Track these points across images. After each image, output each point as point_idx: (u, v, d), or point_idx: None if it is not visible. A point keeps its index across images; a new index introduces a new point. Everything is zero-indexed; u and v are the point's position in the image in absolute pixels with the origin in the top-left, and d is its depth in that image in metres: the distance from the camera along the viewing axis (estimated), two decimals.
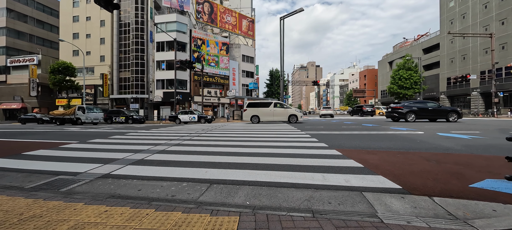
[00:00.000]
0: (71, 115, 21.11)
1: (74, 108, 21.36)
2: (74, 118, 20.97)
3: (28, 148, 5.94)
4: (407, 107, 15.07)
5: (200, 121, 21.53)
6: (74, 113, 21.04)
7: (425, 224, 1.72)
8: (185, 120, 21.60)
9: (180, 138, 7.67)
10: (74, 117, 20.99)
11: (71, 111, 21.36)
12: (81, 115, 21.07)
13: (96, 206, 2.05)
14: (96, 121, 21.47)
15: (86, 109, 21.26)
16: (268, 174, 3.21)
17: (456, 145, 5.51)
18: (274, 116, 16.17)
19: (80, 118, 21.01)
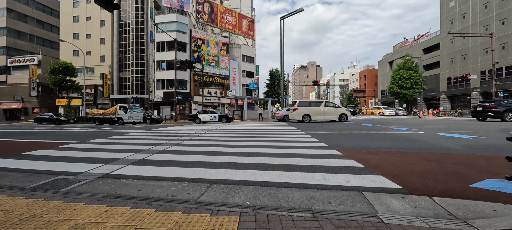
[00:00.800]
0: (112, 114, 20.05)
1: (115, 107, 20.22)
2: (115, 118, 19.87)
3: (29, 148, 5.94)
4: (505, 106, 13.75)
5: (221, 120, 21.15)
6: (115, 113, 19.90)
7: (425, 224, 1.72)
8: (205, 119, 21.07)
9: (180, 138, 7.67)
10: (115, 116, 19.91)
11: (112, 110, 20.21)
12: (123, 115, 19.80)
13: (96, 206, 2.05)
14: (137, 121, 20.28)
15: (128, 109, 19.93)
16: (268, 174, 3.21)
17: (456, 145, 5.51)
18: (325, 115, 16.34)
19: (121, 117, 19.76)
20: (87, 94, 33.88)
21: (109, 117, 20.13)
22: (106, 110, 20.88)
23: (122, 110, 19.89)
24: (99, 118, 20.41)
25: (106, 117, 20.27)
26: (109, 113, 20.23)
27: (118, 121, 19.81)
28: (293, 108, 16.33)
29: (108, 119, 20.25)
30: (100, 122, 20.39)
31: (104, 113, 20.48)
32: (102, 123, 20.41)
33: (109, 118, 20.15)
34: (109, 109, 20.50)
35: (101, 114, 20.62)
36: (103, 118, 20.35)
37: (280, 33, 25.77)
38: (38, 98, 35.27)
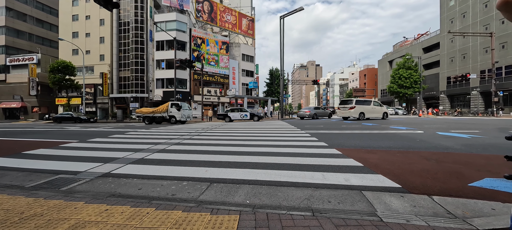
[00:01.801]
0: (163, 113, 18.65)
1: (166, 105, 18.82)
2: (167, 116, 18.55)
3: (28, 147, 5.94)
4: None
5: (253, 119, 20.66)
6: (167, 111, 18.53)
7: (425, 222, 1.73)
8: (235, 117, 20.43)
9: (180, 137, 7.67)
10: (166, 114, 18.56)
11: (163, 108, 18.74)
12: (176, 113, 18.45)
13: (96, 205, 2.05)
14: (188, 119, 19.29)
15: (181, 107, 18.73)
16: (268, 173, 3.22)
17: (456, 144, 5.52)
18: (373, 113, 17.74)
19: (174, 115, 18.43)
20: (87, 94, 33.81)
21: (159, 116, 18.80)
22: (156, 108, 19.31)
23: (175, 108, 18.56)
24: (149, 117, 18.96)
25: (156, 116, 18.88)
26: (160, 111, 18.78)
27: (170, 119, 18.56)
28: (351, 106, 17.37)
29: (159, 118, 18.92)
30: (150, 121, 18.98)
31: (155, 111, 19.01)
32: (152, 121, 19.04)
33: (159, 117, 18.85)
34: (160, 108, 19.02)
35: (151, 112, 19.10)
36: (153, 116, 18.93)
37: (280, 32, 25.74)
38: (37, 97, 35.19)
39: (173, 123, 18.18)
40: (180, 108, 18.44)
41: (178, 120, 18.35)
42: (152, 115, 18.93)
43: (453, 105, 37.32)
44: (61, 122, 22.77)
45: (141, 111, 19.69)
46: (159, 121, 18.97)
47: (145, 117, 19.12)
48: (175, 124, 17.90)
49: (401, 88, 36.64)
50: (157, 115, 18.81)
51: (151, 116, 18.93)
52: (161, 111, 18.69)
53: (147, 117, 19.04)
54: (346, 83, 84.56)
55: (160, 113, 18.71)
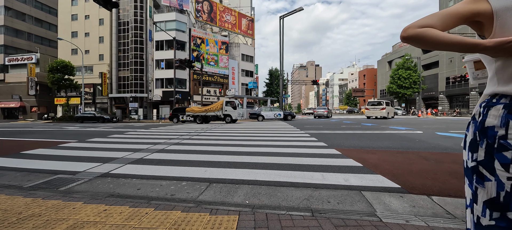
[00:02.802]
0: (217, 111, 17.78)
1: (220, 103, 18.02)
2: (222, 115, 17.72)
3: (27, 147, 5.92)
4: None
5: (287, 118, 20.45)
6: (222, 109, 17.68)
7: (424, 223, 1.73)
8: (269, 116, 20.13)
9: (179, 137, 7.66)
10: (221, 113, 17.72)
11: (217, 107, 17.87)
12: (232, 111, 17.63)
13: (95, 205, 2.04)
14: (240, 118, 18.57)
15: (237, 105, 17.95)
16: (268, 173, 3.22)
17: (455, 144, 5.54)
18: (391, 112, 21.70)
19: (230, 114, 17.61)
20: (86, 93, 33.73)
21: (213, 114, 17.94)
22: (209, 106, 18.42)
23: (230, 107, 17.68)
24: (202, 116, 18.08)
25: (209, 115, 18.02)
26: (214, 110, 17.84)
27: (225, 118, 17.70)
28: (382, 107, 20.30)
29: (212, 117, 18.05)
30: (203, 119, 18.18)
31: (208, 110, 18.06)
32: (205, 121, 18.29)
33: (213, 115, 17.99)
34: (214, 106, 18.13)
35: (204, 111, 18.18)
36: (206, 115, 18.07)
37: (280, 33, 25.75)
38: (36, 97, 35.09)
39: (227, 122, 17.43)
40: (236, 107, 17.70)
41: (234, 119, 17.64)
42: (204, 113, 18.11)
43: (452, 105, 37.43)
44: (83, 121, 22.12)
45: (192, 110, 18.80)
46: (212, 119, 18.26)
47: (197, 116, 18.29)
48: (230, 123, 17.05)
49: (400, 88, 36.72)
50: (210, 114, 18.00)
51: (204, 115, 18.11)
52: (215, 110, 17.87)
53: (199, 116, 18.21)
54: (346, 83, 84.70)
55: (213, 112, 17.90)
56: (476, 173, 0.71)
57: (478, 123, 0.72)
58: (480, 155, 0.70)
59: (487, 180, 0.68)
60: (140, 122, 23.07)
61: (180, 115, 20.00)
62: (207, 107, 18.34)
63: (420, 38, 0.71)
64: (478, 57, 0.89)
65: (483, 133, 0.69)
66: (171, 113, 20.76)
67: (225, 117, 17.63)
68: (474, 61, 0.91)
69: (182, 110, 20.49)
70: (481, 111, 0.73)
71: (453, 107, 36.72)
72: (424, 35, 0.71)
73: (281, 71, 26.26)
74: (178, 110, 20.65)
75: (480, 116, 0.73)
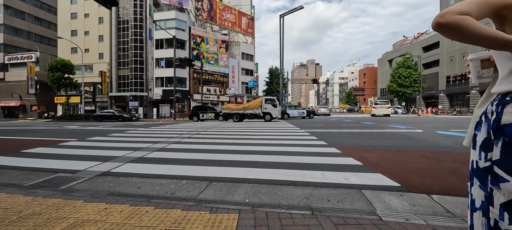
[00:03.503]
0: (256, 109, 17.14)
1: (259, 100, 17.36)
2: (261, 113, 17.05)
3: (27, 145, 5.92)
4: None
5: (309, 116, 20.66)
6: (261, 107, 17.05)
7: (424, 221, 1.73)
8: (294, 115, 20.23)
9: (180, 135, 7.66)
10: (260, 111, 17.08)
11: (256, 104, 17.21)
12: (272, 109, 17.00)
13: (95, 204, 2.05)
14: (279, 117, 18.01)
15: (277, 103, 17.39)
16: (268, 171, 3.22)
17: (455, 143, 5.54)
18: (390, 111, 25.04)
19: (270, 112, 16.97)
20: (86, 92, 33.70)
21: (251, 112, 17.27)
22: (247, 104, 17.79)
23: (270, 105, 17.06)
24: (239, 114, 17.43)
25: (247, 112, 17.36)
26: (253, 107, 17.19)
27: (264, 116, 17.04)
28: (388, 106, 22.94)
29: (250, 115, 17.39)
30: (241, 117, 17.58)
31: (246, 108, 17.42)
32: (242, 119, 17.69)
33: (251, 113, 17.31)
34: (252, 104, 17.46)
35: (241, 109, 17.49)
36: (244, 113, 17.42)
37: (280, 31, 25.69)
38: (36, 96, 35.07)
39: (267, 121, 16.87)
40: (276, 105, 17.19)
41: (274, 117, 17.14)
42: (242, 111, 17.45)
43: (452, 104, 37.41)
44: (101, 120, 21.47)
45: (229, 108, 18.03)
46: (250, 117, 17.62)
47: (234, 114, 17.60)
48: (269, 121, 16.48)
49: (400, 87, 36.69)
50: (248, 112, 17.34)
51: (242, 112, 17.44)
52: (254, 108, 17.25)
53: (236, 114, 17.54)
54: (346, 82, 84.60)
55: (252, 110, 17.27)
56: (490, 174, 0.67)
57: (491, 121, 0.69)
58: (495, 155, 0.66)
59: (503, 181, 0.63)
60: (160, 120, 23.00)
61: (200, 113, 19.72)
62: (245, 105, 17.83)
63: (459, 28, 0.63)
64: (488, 55, 0.87)
65: (499, 131, 0.66)
66: (191, 111, 20.40)
67: (265, 115, 17.09)
68: (481, 60, 0.89)
69: (202, 108, 20.19)
70: (494, 110, 0.69)
71: (453, 106, 36.70)
72: (464, 24, 0.63)
73: (281, 70, 26.24)
74: (198, 108, 20.35)
75: (493, 114, 0.69)
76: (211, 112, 19.84)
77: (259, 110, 17.12)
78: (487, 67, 0.88)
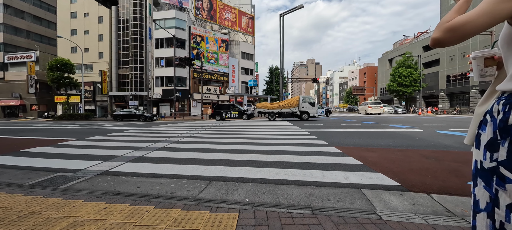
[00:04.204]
0: (293, 108, 16.87)
1: (296, 99, 17.04)
2: (298, 112, 16.76)
3: (27, 145, 5.92)
4: None
5: (327, 114, 21.27)
6: (298, 106, 16.75)
7: (424, 221, 1.73)
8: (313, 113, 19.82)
9: (180, 135, 7.66)
10: (297, 110, 16.79)
11: (294, 103, 16.87)
12: (309, 108, 16.72)
13: (95, 203, 2.05)
14: (317, 115, 17.63)
15: (314, 102, 17.12)
16: (268, 171, 3.22)
17: (455, 142, 5.53)
18: (383, 110, 29.32)
19: (307, 111, 16.66)
20: (86, 92, 33.70)
21: (288, 111, 16.96)
22: (284, 103, 17.32)
23: (308, 103, 16.76)
24: (275, 113, 17.14)
25: (284, 111, 17.03)
26: (290, 106, 16.86)
27: (302, 115, 16.73)
28: (382, 105, 27.39)
29: (287, 113, 17.05)
30: (276, 116, 17.39)
31: (283, 106, 17.06)
32: (275, 117, 17.43)
33: (288, 112, 16.99)
34: (289, 102, 17.11)
35: (278, 107, 17.14)
36: (281, 112, 17.10)
37: (280, 30, 25.66)
38: (36, 95, 35.06)
39: (304, 120, 16.54)
40: (313, 103, 16.96)
41: (311, 116, 16.96)
42: (279, 110, 17.12)
43: (453, 104, 37.39)
44: (122, 120, 20.80)
45: (265, 106, 17.78)
46: (287, 116, 17.33)
47: (270, 112, 17.34)
48: (306, 120, 16.14)
49: (400, 86, 36.67)
50: (285, 110, 17.03)
51: (278, 111, 17.13)
52: (291, 106, 16.94)
53: (272, 112, 17.27)
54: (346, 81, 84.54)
55: (289, 109, 16.96)
56: (496, 175, 0.65)
57: (498, 121, 0.67)
58: (501, 155, 0.64)
59: (509, 182, 0.62)
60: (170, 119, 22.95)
61: (224, 112, 19.47)
62: (281, 103, 17.42)
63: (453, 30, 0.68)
64: (491, 53, 0.86)
65: (506, 131, 0.64)
66: (214, 110, 20.14)
67: (302, 114, 16.79)
68: (485, 58, 0.88)
69: (226, 107, 19.94)
70: (501, 109, 0.67)
71: (454, 106, 36.68)
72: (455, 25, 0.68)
73: (281, 69, 26.22)
74: (220, 107, 20.11)
75: (499, 113, 0.67)
76: (235, 111, 19.50)
77: (296, 109, 16.86)
78: (490, 65, 0.87)
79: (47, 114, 32.94)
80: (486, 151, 0.69)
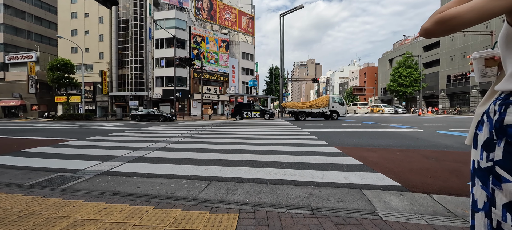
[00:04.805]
0: (323, 108, 16.79)
1: (326, 99, 16.93)
2: (328, 111, 16.74)
3: (28, 145, 5.93)
4: None
5: None
6: (328, 106, 16.69)
7: (424, 221, 1.73)
8: None
9: (180, 135, 7.66)
10: (327, 110, 16.74)
11: (324, 103, 16.75)
12: (339, 108, 16.69)
13: (95, 203, 2.04)
14: (346, 115, 17.63)
15: (344, 102, 17.09)
16: (268, 171, 3.22)
17: (455, 142, 5.53)
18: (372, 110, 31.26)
19: (337, 111, 16.67)
20: (86, 92, 33.73)
21: (318, 111, 16.87)
22: (314, 102, 17.18)
23: (337, 103, 16.73)
24: (305, 112, 16.98)
25: (314, 111, 16.94)
26: (320, 105, 16.73)
27: (332, 115, 16.69)
28: (368, 106, 25.88)
29: (317, 113, 16.96)
30: (307, 115, 17.19)
31: (313, 105, 16.94)
32: (303, 116, 17.23)
33: (318, 112, 16.91)
34: (319, 102, 16.99)
35: (307, 107, 17.02)
36: (311, 112, 16.99)
37: (280, 30, 25.66)
38: (36, 95, 35.09)
39: (333, 119, 16.66)
40: (343, 103, 17.08)
41: (341, 115, 17.03)
42: (309, 110, 17.05)
43: (453, 104, 37.36)
44: (141, 120, 20.47)
45: (295, 106, 17.63)
46: (317, 116, 17.33)
47: (300, 112, 17.18)
48: (336, 120, 16.21)
49: (401, 87, 36.65)
50: (315, 110, 16.94)
51: (308, 111, 17.07)
52: (321, 106, 16.86)
53: (302, 112, 17.13)
54: (346, 81, 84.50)
55: (319, 108, 16.88)
56: (492, 174, 0.67)
57: (494, 121, 0.68)
58: (497, 155, 0.65)
59: (505, 181, 0.63)
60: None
61: (244, 111, 19.43)
62: (311, 103, 17.30)
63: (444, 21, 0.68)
64: (492, 54, 0.86)
65: (502, 131, 0.65)
66: (234, 110, 20.08)
67: (332, 113, 16.83)
68: (486, 58, 0.88)
69: (247, 106, 19.90)
70: (497, 109, 0.68)
71: (454, 106, 36.65)
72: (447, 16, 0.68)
73: (282, 69, 26.23)
74: (241, 106, 20.04)
75: (495, 114, 0.68)
76: (256, 111, 19.42)
77: (326, 109, 16.82)
78: (491, 66, 0.87)
79: (47, 114, 32.97)
80: (483, 151, 0.70)
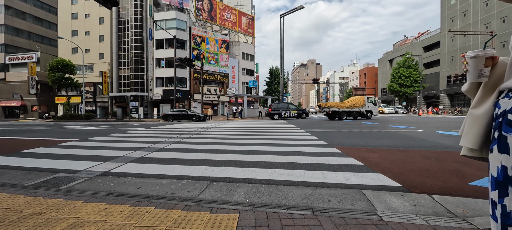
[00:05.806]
0: (361, 107, 17.17)
1: (362, 99, 17.27)
2: (364, 111, 17.19)
3: (28, 145, 5.93)
4: None
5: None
6: (365, 106, 17.21)
7: (425, 221, 1.73)
8: None
9: (180, 135, 7.66)
10: (363, 109, 17.15)
11: (361, 103, 17.13)
12: (373, 108, 17.32)
13: (95, 204, 2.04)
14: (378, 115, 18.32)
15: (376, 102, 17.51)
16: (268, 171, 3.21)
17: (456, 142, 5.52)
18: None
19: (371, 110, 17.22)
20: (86, 92, 33.76)
21: (357, 111, 17.20)
22: (352, 102, 17.38)
23: (371, 103, 17.35)
24: (346, 112, 17.14)
25: (353, 111, 17.19)
26: (358, 105, 17.11)
27: (367, 114, 17.14)
28: None
29: (356, 113, 17.27)
30: (348, 115, 17.40)
31: (352, 106, 17.24)
32: (340, 116, 17.36)
33: (356, 112, 17.21)
34: (357, 102, 17.28)
35: (348, 107, 17.31)
36: (350, 111, 17.20)
37: (280, 31, 25.68)
38: (37, 96, 35.13)
39: (368, 118, 17.22)
40: (375, 104, 17.79)
41: (374, 114, 17.78)
42: (349, 109, 17.26)
43: (453, 104, 37.32)
44: (173, 120, 20.18)
45: (338, 105, 17.60)
46: (355, 116, 17.59)
47: (342, 111, 17.25)
48: (369, 119, 16.70)
49: (401, 87, 36.64)
50: (354, 110, 17.29)
51: (348, 110, 17.27)
52: (359, 106, 17.27)
53: (344, 111, 17.24)
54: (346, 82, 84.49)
55: (357, 108, 17.30)
56: None
57: None
58: None
59: None
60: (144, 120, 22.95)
61: (282, 112, 19.70)
62: (351, 103, 17.50)
63: None
64: (492, 53, 0.85)
65: None
66: (271, 109, 20.31)
67: (367, 113, 17.40)
68: (486, 57, 0.86)
69: (284, 107, 20.17)
70: None
71: (454, 106, 36.61)
72: None
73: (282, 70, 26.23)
74: (279, 106, 20.31)
75: None
76: (294, 110, 19.75)
77: (362, 109, 17.26)
78: (489, 65, 0.86)
79: (47, 115, 33.00)
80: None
